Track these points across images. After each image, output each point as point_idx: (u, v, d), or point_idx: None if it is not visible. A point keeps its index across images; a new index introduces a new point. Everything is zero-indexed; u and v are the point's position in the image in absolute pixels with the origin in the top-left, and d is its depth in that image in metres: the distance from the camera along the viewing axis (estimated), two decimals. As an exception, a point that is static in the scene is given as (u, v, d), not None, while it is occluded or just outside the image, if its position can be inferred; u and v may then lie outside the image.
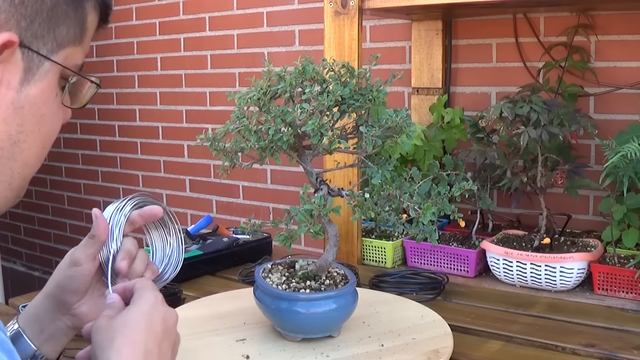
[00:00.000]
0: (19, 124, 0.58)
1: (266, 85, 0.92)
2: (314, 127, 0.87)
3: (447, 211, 0.96)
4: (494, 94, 1.67)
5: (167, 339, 0.66)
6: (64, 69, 0.61)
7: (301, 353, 0.94)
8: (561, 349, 1.01)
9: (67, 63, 0.61)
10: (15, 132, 0.58)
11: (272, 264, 1.05)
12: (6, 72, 0.56)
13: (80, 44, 0.62)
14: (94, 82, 0.67)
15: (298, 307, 0.94)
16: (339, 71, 0.93)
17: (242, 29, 2.17)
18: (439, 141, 1.59)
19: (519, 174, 1.39)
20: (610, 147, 1.20)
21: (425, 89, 1.72)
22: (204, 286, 1.34)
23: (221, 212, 2.31)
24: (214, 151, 0.96)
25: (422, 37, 1.70)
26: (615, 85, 1.50)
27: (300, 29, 2.03)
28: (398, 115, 0.91)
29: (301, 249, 1.99)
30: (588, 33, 1.49)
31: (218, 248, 1.45)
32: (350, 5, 1.39)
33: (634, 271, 1.21)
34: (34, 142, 0.61)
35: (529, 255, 1.28)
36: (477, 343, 1.04)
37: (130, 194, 0.80)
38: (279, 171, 2.13)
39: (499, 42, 1.65)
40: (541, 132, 1.26)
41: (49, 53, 0.58)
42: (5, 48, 0.54)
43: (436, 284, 1.28)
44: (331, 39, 1.43)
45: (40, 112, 0.60)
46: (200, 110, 2.32)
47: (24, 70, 0.57)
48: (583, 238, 1.39)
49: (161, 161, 2.48)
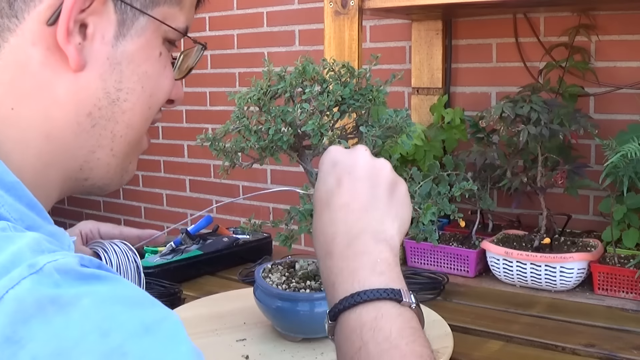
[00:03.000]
0: (117, 80, 0.55)
1: (266, 85, 0.92)
2: (314, 127, 0.87)
3: (447, 211, 0.96)
4: (494, 94, 1.67)
5: None
6: (164, 29, 0.57)
7: (301, 353, 0.94)
8: (561, 349, 1.01)
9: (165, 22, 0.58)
10: (114, 90, 0.55)
11: (272, 264, 1.05)
12: (99, 26, 0.53)
13: (179, 4, 0.58)
14: (199, 43, 0.64)
15: (298, 307, 0.94)
16: (339, 71, 0.93)
17: (242, 29, 2.17)
18: (439, 141, 1.58)
19: (519, 174, 1.39)
20: (611, 147, 1.20)
21: (425, 89, 1.71)
22: (204, 286, 1.34)
23: (221, 212, 2.31)
24: (214, 151, 0.96)
25: (422, 37, 1.70)
26: (616, 85, 1.50)
27: (300, 29, 2.03)
28: (398, 115, 0.91)
29: (301, 249, 1.99)
30: (589, 33, 1.49)
31: (218, 248, 1.45)
32: (350, 5, 1.39)
33: (634, 271, 1.21)
34: (137, 101, 0.57)
35: (529, 255, 1.28)
36: (477, 343, 1.04)
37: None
38: (279, 171, 2.13)
39: (499, 42, 1.65)
40: (541, 129, 1.26)
41: (143, 7, 0.55)
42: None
43: (436, 284, 1.28)
44: (331, 39, 1.43)
45: (141, 69, 0.56)
46: (200, 110, 2.32)
47: (118, 24, 0.54)
48: (583, 238, 1.39)
49: (161, 161, 2.48)
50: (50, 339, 0.39)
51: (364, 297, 0.57)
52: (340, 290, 0.58)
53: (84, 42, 0.53)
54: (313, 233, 0.66)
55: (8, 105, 0.52)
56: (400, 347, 0.54)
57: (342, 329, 0.58)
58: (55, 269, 0.42)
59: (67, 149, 0.55)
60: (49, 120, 0.53)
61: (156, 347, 0.42)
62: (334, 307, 0.59)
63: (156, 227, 2.52)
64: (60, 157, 0.55)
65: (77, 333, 0.40)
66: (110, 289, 0.43)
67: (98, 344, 0.40)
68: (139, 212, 2.57)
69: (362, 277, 0.58)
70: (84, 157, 0.56)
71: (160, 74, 0.59)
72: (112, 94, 0.55)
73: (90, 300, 0.41)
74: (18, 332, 0.39)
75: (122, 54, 0.55)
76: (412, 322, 0.57)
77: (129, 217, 2.61)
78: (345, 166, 0.66)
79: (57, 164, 0.55)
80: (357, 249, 0.61)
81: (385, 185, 0.66)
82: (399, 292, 0.57)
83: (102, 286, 0.43)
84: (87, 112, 0.54)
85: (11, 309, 0.40)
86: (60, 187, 0.57)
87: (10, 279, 0.41)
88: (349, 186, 0.65)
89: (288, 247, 0.93)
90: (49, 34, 0.51)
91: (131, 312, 0.42)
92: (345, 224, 0.63)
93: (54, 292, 0.41)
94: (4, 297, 0.40)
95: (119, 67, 0.55)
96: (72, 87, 0.53)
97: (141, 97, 0.57)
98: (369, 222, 0.63)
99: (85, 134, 0.55)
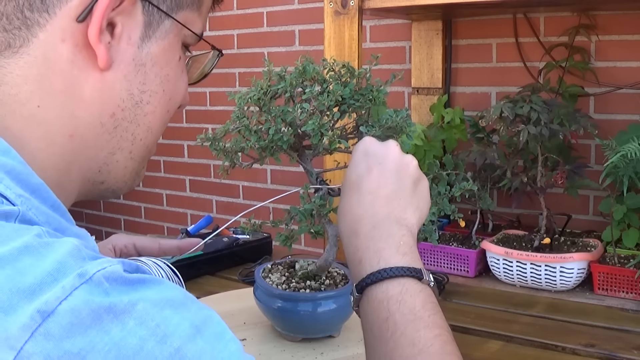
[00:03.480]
0: (141, 82, 0.55)
1: (266, 85, 0.92)
2: (314, 127, 0.87)
3: (447, 211, 0.96)
4: (494, 94, 1.67)
5: None
6: (185, 33, 0.58)
7: (301, 353, 0.94)
8: (561, 349, 1.01)
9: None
10: (138, 92, 0.55)
11: (272, 264, 1.05)
12: (126, 26, 0.53)
13: (198, 9, 0.59)
14: (216, 48, 0.65)
15: (299, 307, 0.94)
16: (339, 71, 0.92)
17: (242, 29, 2.17)
18: (439, 141, 1.59)
19: (519, 174, 1.39)
20: (611, 147, 1.21)
21: (425, 89, 1.71)
22: (204, 286, 1.34)
23: (221, 212, 2.31)
24: (214, 151, 0.96)
25: (422, 37, 1.70)
26: (616, 85, 1.50)
27: (300, 29, 2.03)
28: (398, 115, 0.91)
29: (301, 249, 1.99)
30: (589, 33, 1.49)
31: (218, 248, 1.45)
32: (350, 5, 1.39)
33: (634, 271, 1.21)
34: (159, 104, 0.57)
35: (529, 255, 1.28)
36: (477, 343, 1.04)
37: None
38: (279, 171, 2.13)
39: (499, 42, 1.65)
40: (541, 129, 1.26)
41: (169, 10, 0.55)
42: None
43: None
44: (331, 39, 1.43)
45: (164, 72, 0.57)
46: (200, 110, 2.32)
47: (145, 25, 0.54)
48: (583, 238, 1.39)
49: (161, 161, 2.48)
50: (110, 348, 0.40)
51: (390, 274, 0.62)
52: (367, 266, 0.64)
53: (112, 42, 0.53)
54: (339, 213, 0.71)
55: (34, 102, 0.51)
56: (424, 318, 0.59)
57: (369, 300, 0.62)
58: (104, 277, 0.42)
59: (88, 150, 0.55)
60: (74, 119, 0.53)
61: (209, 347, 0.44)
62: (361, 281, 0.63)
63: (156, 227, 2.53)
64: (82, 158, 0.55)
65: (135, 341, 0.41)
66: (156, 292, 0.45)
67: (158, 350, 0.41)
68: (139, 212, 2.57)
69: (387, 255, 0.64)
70: (104, 159, 0.56)
71: (178, 78, 0.59)
72: (135, 95, 0.55)
73: (142, 307, 0.42)
74: (77, 344, 0.39)
75: (147, 55, 0.55)
76: (432, 297, 0.63)
77: (129, 217, 2.61)
78: (377, 156, 0.71)
79: (78, 164, 0.55)
80: (382, 231, 0.66)
81: (411, 179, 0.71)
82: (420, 271, 0.63)
83: (148, 291, 0.44)
84: (111, 113, 0.54)
85: (66, 320, 0.40)
86: (79, 189, 0.57)
87: (63, 290, 0.41)
88: (378, 175, 0.70)
89: (288, 247, 0.93)
90: (78, 31, 0.51)
91: (180, 315, 0.44)
92: (372, 207, 0.68)
93: (108, 301, 0.41)
94: (57, 310, 0.40)
95: (143, 68, 0.55)
96: (97, 86, 0.53)
97: (162, 100, 0.57)
98: (393, 208, 0.68)
99: (107, 135, 0.55)
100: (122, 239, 0.86)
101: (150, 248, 0.87)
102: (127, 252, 0.85)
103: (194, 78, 0.66)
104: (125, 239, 0.86)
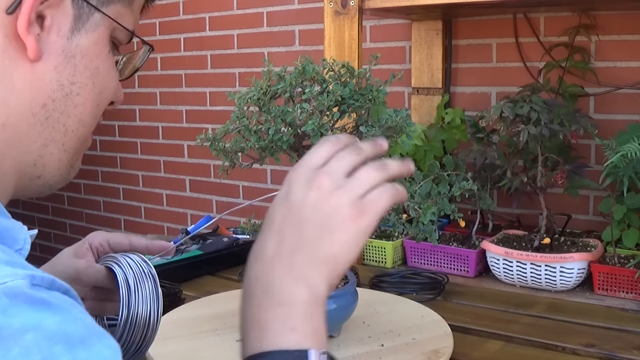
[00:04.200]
0: (71, 74, 0.56)
1: (266, 85, 0.92)
2: (314, 127, 0.87)
3: (447, 211, 0.96)
4: (494, 94, 1.67)
5: None
6: (115, 27, 0.59)
7: (301, 353, 0.94)
8: (561, 349, 1.01)
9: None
10: (68, 83, 0.56)
11: (272, 264, 1.04)
12: (56, 18, 0.54)
13: (130, 5, 0.60)
14: (146, 43, 0.65)
15: (298, 307, 0.94)
16: (339, 71, 0.93)
17: (242, 29, 2.17)
18: (439, 141, 1.59)
19: (519, 174, 1.39)
20: (611, 147, 1.20)
21: (425, 89, 1.71)
22: (204, 286, 1.34)
23: (221, 212, 2.31)
24: (214, 151, 0.96)
25: (422, 37, 1.70)
26: (616, 85, 1.50)
27: (300, 29, 2.03)
28: (398, 115, 0.91)
29: (301, 249, 1.99)
30: (589, 33, 1.49)
31: (218, 248, 1.45)
32: (350, 5, 1.39)
33: (634, 271, 1.21)
34: (89, 96, 0.58)
35: (529, 255, 1.28)
36: (477, 343, 1.04)
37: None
38: (279, 171, 2.13)
39: (499, 42, 1.65)
40: (541, 129, 1.26)
41: (98, 4, 0.57)
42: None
43: (436, 284, 1.28)
44: (331, 39, 1.43)
45: (93, 64, 0.58)
46: (200, 110, 2.32)
47: (74, 18, 0.55)
48: (583, 238, 1.39)
49: (161, 161, 2.48)
50: None
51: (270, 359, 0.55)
52: (252, 345, 0.56)
53: (42, 33, 0.54)
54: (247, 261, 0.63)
55: None
56: None
57: None
58: (4, 293, 0.40)
59: (21, 140, 0.55)
60: (6, 109, 0.53)
61: None
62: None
63: (156, 227, 2.53)
64: (15, 148, 0.55)
65: None
66: (56, 322, 0.42)
67: None
68: (139, 212, 2.57)
69: (272, 332, 0.56)
70: (37, 151, 0.56)
71: (109, 72, 0.60)
72: (65, 86, 0.56)
73: (32, 337, 0.40)
74: None
75: (77, 47, 0.56)
76: None
77: (129, 217, 2.61)
78: (296, 193, 0.60)
79: (11, 155, 0.55)
80: (273, 297, 0.57)
81: (333, 224, 0.58)
82: (306, 354, 0.54)
83: (49, 318, 0.42)
84: (42, 103, 0.55)
85: None
86: (14, 183, 0.56)
87: None
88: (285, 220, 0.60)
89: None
90: (8, 23, 0.52)
91: (72, 355, 0.41)
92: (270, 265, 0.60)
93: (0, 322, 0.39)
94: None
95: (72, 60, 0.56)
96: (28, 77, 0.54)
97: (92, 92, 0.58)
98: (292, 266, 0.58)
99: (39, 126, 0.56)
100: (98, 236, 0.86)
101: (122, 245, 0.87)
102: (102, 249, 0.85)
103: (126, 74, 0.66)
104: (100, 236, 0.86)
